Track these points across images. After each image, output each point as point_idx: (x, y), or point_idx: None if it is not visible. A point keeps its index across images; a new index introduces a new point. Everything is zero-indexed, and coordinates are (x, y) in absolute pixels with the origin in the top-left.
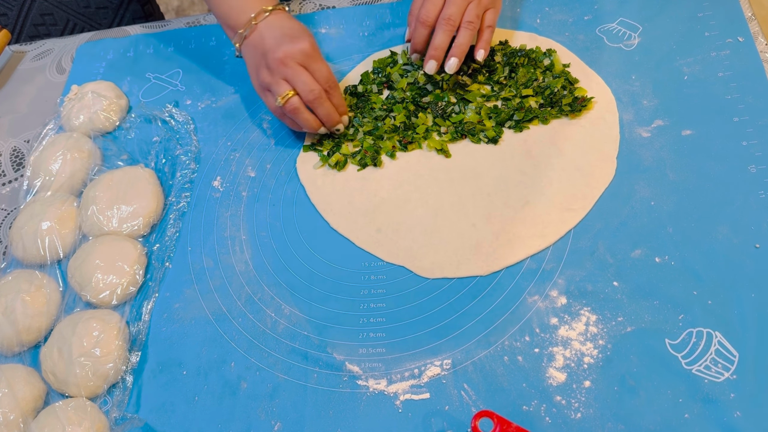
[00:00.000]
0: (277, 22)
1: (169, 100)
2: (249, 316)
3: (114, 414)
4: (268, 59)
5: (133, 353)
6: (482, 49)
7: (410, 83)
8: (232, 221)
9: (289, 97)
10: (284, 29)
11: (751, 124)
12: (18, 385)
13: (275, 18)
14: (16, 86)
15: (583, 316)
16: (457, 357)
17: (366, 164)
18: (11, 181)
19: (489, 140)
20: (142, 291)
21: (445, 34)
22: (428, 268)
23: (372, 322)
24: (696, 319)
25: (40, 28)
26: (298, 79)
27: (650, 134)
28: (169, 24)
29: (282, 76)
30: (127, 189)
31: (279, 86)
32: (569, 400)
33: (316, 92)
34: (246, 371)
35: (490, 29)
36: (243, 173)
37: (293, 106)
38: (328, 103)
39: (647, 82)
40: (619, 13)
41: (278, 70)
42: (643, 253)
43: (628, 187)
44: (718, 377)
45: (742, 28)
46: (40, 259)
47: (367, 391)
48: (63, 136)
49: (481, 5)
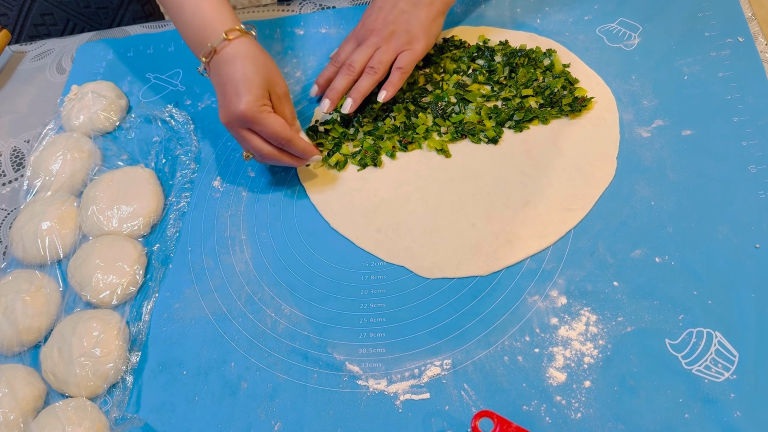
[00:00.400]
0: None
1: (169, 100)
2: (249, 316)
3: (114, 414)
4: (222, 115)
5: (133, 353)
6: (384, 90)
7: (410, 83)
8: (232, 221)
9: (250, 157)
10: (229, 76)
11: (751, 124)
12: (18, 385)
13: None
14: (16, 86)
15: (583, 316)
16: (457, 357)
17: (366, 164)
18: (11, 181)
19: (489, 140)
20: (142, 291)
21: (344, 77)
22: (428, 268)
23: (372, 322)
24: (696, 319)
25: (40, 28)
26: (246, 146)
27: (650, 134)
28: (169, 24)
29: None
30: (127, 189)
31: (239, 142)
32: (569, 400)
33: (266, 153)
34: (246, 371)
35: (399, 71)
36: (243, 173)
37: (259, 161)
38: (286, 156)
39: (647, 82)
40: (619, 13)
41: (229, 127)
42: (643, 253)
43: (628, 187)
44: (718, 377)
45: (742, 28)
46: (40, 259)
47: (367, 391)
48: (63, 136)
49: (389, 50)
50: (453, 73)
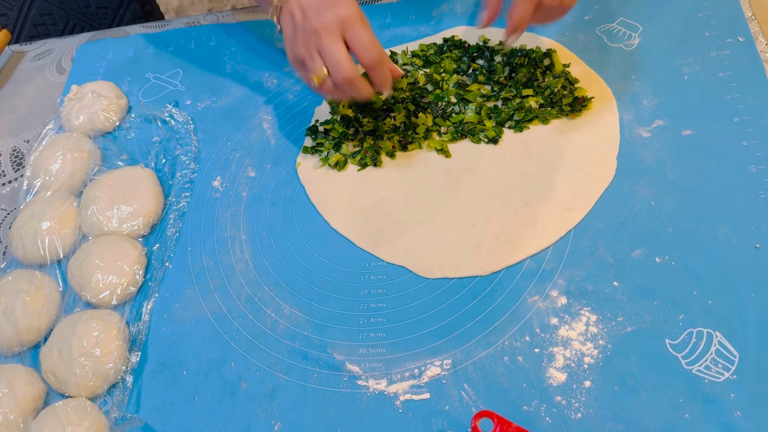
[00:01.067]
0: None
1: (169, 100)
2: (249, 316)
3: (114, 414)
4: (303, 29)
5: (133, 353)
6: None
7: (410, 83)
8: (232, 221)
9: (323, 78)
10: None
11: (751, 124)
12: (18, 385)
13: None
14: (16, 86)
15: (583, 316)
16: (457, 357)
17: (366, 164)
18: (11, 181)
19: (489, 140)
20: (142, 291)
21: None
22: (428, 268)
23: (372, 322)
24: (696, 319)
25: (40, 28)
26: (331, 58)
27: (650, 134)
28: (169, 24)
29: (317, 48)
30: (127, 189)
31: (314, 62)
32: (569, 400)
33: (346, 75)
34: (246, 371)
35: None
36: (243, 173)
37: (328, 88)
38: (362, 83)
39: (647, 82)
40: (619, 13)
41: (312, 43)
42: (643, 253)
43: (628, 187)
44: (719, 377)
45: (742, 28)
46: (40, 259)
47: (367, 391)
48: (63, 136)
49: None
50: (453, 73)
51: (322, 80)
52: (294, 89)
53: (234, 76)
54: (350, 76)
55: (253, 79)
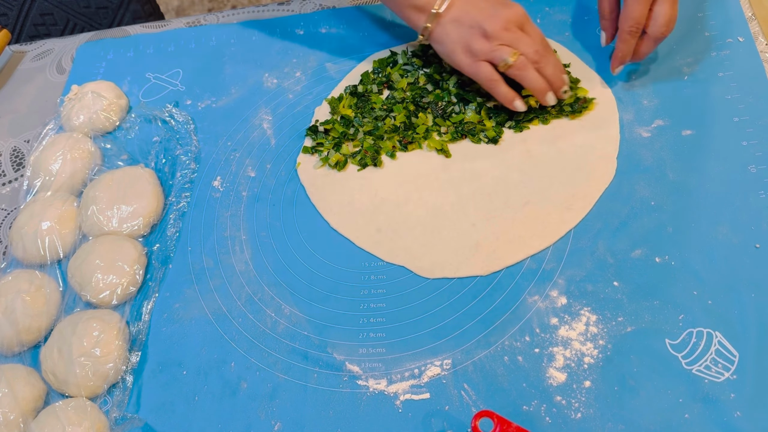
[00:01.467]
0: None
1: (169, 100)
2: (249, 316)
3: (114, 414)
4: (485, 28)
5: (133, 353)
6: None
7: (410, 83)
8: (232, 221)
9: (519, 55)
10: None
11: (751, 124)
12: (18, 385)
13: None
14: (16, 86)
15: (583, 316)
16: (457, 357)
17: (366, 164)
18: (11, 181)
19: (489, 140)
20: (142, 291)
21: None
22: (428, 268)
23: (372, 322)
24: (696, 319)
25: (40, 28)
26: (521, 42)
27: (650, 134)
28: (169, 24)
29: (502, 41)
30: (127, 189)
31: (501, 51)
32: (569, 400)
33: (541, 51)
34: (246, 371)
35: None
36: (243, 173)
37: (523, 63)
38: (554, 58)
39: (647, 82)
40: None
41: (498, 37)
42: (643, 253)
43: (628, 187)
44: (719, 377)
45: (742, 28)
46: (40, 259)
47: (367, 391)
48: (63, 136)
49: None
50: (453, 73)
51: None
52: (294, 89)
53: (234, 76)
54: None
55: (253, 79)
